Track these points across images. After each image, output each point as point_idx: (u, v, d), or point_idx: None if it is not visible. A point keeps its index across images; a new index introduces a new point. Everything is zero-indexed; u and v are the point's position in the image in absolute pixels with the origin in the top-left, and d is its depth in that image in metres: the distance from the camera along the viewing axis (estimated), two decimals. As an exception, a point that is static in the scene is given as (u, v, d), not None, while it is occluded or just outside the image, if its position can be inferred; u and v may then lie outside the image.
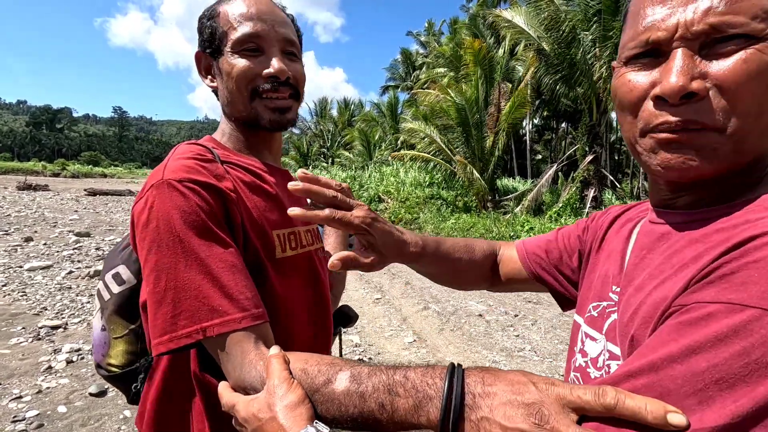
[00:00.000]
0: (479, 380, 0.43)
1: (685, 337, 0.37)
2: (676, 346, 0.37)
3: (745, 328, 0.34)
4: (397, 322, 4.57)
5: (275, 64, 0.81)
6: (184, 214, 0.66)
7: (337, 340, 1.17)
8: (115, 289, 0.88)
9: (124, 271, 0.88)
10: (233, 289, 0.64)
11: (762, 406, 0.32)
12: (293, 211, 0.61)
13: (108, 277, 0.89)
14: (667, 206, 0.57)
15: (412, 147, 16.72)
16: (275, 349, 0.58)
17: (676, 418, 0.34)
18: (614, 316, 0.57)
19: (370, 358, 3.63)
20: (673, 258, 0.49)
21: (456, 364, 0.46)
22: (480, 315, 4.77)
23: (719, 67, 0.44)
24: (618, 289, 0.59)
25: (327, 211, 0.63)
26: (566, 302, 0.85)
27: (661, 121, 0.47)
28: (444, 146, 13.93)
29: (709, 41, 0.45)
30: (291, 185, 0.62)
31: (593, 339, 0.62)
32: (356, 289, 5.81)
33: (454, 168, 13.66)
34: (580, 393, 0.38)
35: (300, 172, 0.64)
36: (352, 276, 6.14)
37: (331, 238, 1.18)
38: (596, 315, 0.63)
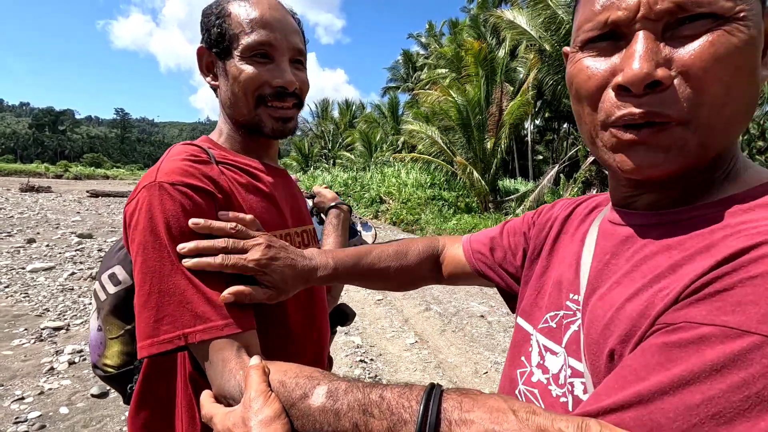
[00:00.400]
0: (457, 405, 0.41)
1: (676, 365, 0.33)
2: (666, 376, 0.34)
3: (744, 358, 0.31)
4: (398, 324, 4.56)
5: (286, 75, 0.81)
6: (171, 218, 0.66)
7: (341, 336, 1.17)
8: (111, 289, 0.88)
9: (120, 272, 0.88)
10: (217, 296, 0.64)
11: None
12: (183, 248, 0.65)
13: (104, 277, 0.89)
14: (628, 205, 0.53)
15: (413, 148, 16.73)
16: (256, 359, 0.56)
17: None
18: (573, 327, 0.53)
19: (371, 359, 3.63)
20: (642, 265, 0.45)
21: (435, 386, 0.44)
22: (482, 316, 4.76)
23: (685, 51, 0.40)
24: (576, 297, 0.55)
25: (219, 258, 0.65)
26: (514, 300, 0.82)
27: (623, 113, 0.43)
28: (445, 147, 13.93)
29: (673, 22, 0.41)
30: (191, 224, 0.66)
31: (554, 353, 0.56)
32: (357, 290, 5.80)
33: (456, 169, 13.65)
34: (562, 426, 0.35)
35: (191, 222, 0.66)
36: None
37: (330, 238, 1.17)
38: (554, 326, 0.58)
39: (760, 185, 0.44)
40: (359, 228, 1.33)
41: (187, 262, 0.63)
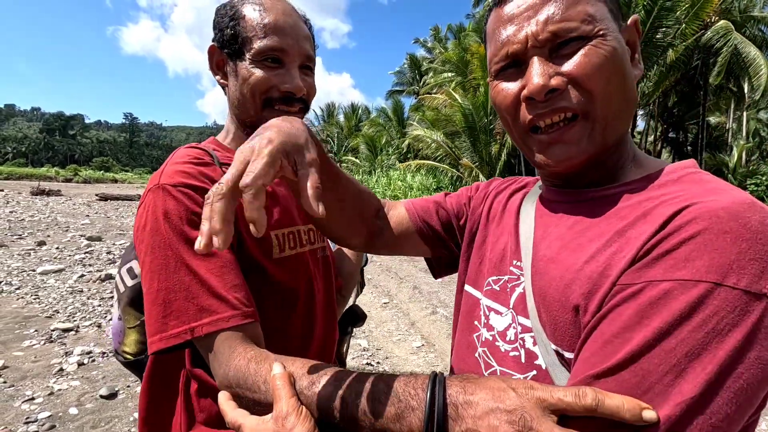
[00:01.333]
0: (461, 390, 0.43)
1: (652, 320, 0.40)
2: (649, 330, 0.40)
3: (701, 303, 0.39)
4: (405, 327, 4.56)
5: (294, 81, 0.82)
6: (174, 218, 0.69)
7: (348, 340, 1.17)
8: (129, 282, 0.92)
9: (136, 266, 0.92)
10: (222, 289, 0.66)
11: (726, 366, 0.37)
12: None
13: (123, 270, 0.93)
14: (559, 187, 0.64)
15: (418, 151, 16.73)
16: (279, 368, 0.54)
17: (649, 414, 0.37)
18: (519, 290, 0.61)
19: (378, 363, 3.62)
20: (587, 232, 0.54)
21: (438, 374, 0.47)
22: (488, 320, 4.74)
23: (569, 64, 0.53)
24: (519, 264, 0.62)
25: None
26: (443, 266, 0.87)
27: (537, 114, 0.55)
28: (451, 151, 13.91)
29: (555, 46, 0.54)
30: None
31: (498, 312, 0.63)
32: (363, 294, 5.80)
33: (461, 172, 13.62)
34: (560, 395, 0.39)
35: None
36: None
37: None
38: (498, 289, 0.65)
39: (661, 169, 0.56)
40: None
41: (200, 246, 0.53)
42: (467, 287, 0.74)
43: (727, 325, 0.38)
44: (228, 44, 0.83)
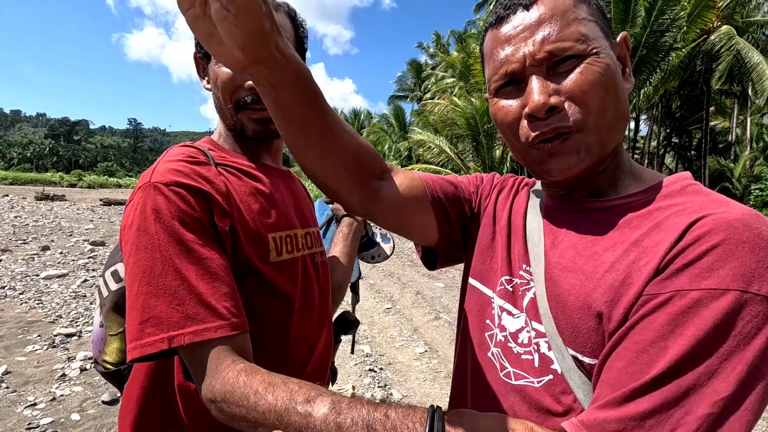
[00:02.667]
0: (459, 428, 0.46)
1: (687, 328, 0.43)
2: (686, 338, 0.42)
3: (732, 310, 0.42)
4: (408, 332, 4.53)
5: None
6: (166, 218, 0.64)
7: (348, 345, 1.15)
8: (113, 286, 0.87)
9: (121, 269, 0.87)
10: (211, 297, 0.62)
11: (753, 366, 0.40)
12: None
13: (107, 274, 0.88)
14: (564, 196, 0.66)
15: (420, 156, 16.74)
16: None
17: None
18: (530, 294, 0.62)
19: (381, 369, 3.60)
20: (601, 241, 0.56)
21: (436, 408, 0.47)
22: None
23: (566, 82, 0.56)
24: (528, 268, 0.64)
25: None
26: (444, 255, 0.84)
27: (537, 133, 0.57)
28: (453, 156, 13.92)
29: (551, 64, 0.56)
30: None
31: (510, 314, 0.64)
32: (366, 299, 5.78)
33: (464, 177, 13.62)
34: None
35: None
36: (362, 285, 6.12)
37: (338, 246, 1.16)
38: (510, 290, 0.66)
39: (662, 180, 0.59)
40: (378, 239, 1.32)
41: None
42: (474, 281, 0.74)
43: (753, 329, 0.41)
44: (200, 46, 0.84)
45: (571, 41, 0.55)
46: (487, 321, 0.68)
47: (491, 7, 22.47)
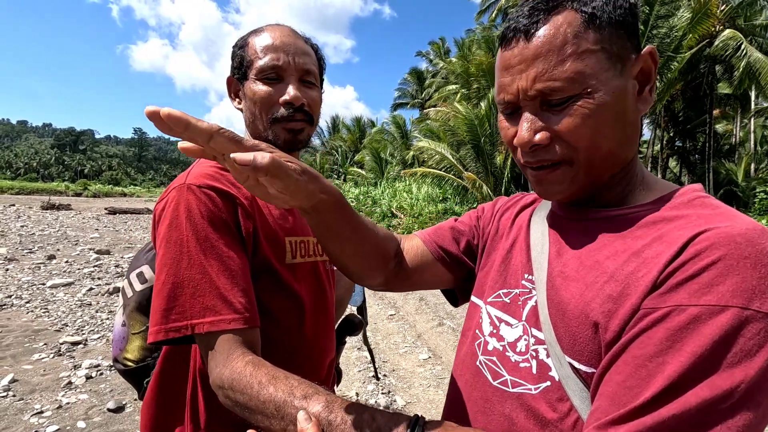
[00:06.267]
0: None
1: (686, 344, 0.42)
2: (683, 355, 0.42)
3: (731, 328, 0.41)
4: (411, 339, 4.53)
5: (291, 91, 0.87)
6: (196, 216, 0.72)
7: (350, 351, 1.18)
8: (138, 287, 0.94)
9: (147, 271, 0.94)
10: (228, 292, 0.68)
11: (754, 384, 0.40)
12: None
13: (132, 275, 0.95)
14: (570, 204, 0.66)
15: (422, 163, 16.78)
16: (305, 422, 0.50)
17: None
18: (531, 303, 0.63)
19: (384, 375, 3.59)
20: (604, 250, 0.56)
21: (419, 417, 0.51)
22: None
23: (556, 120, 0.56)
24: (531, 277, 0.65)
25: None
26: (464, 292, 0.86)
27: (525, 161, 0.61)
28: (455, 162, 13.95)
29: (545, 100, 0.56)
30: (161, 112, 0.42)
31: (508, 324, 0.65)
32: (370, 306, 5.78)
33: (466, 183, 13.63)
34: None
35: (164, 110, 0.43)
36: (366, 292, 6.12)
37: None
38: (509, 301, 0.67)
39: (672, 191, 0.59)
40: None
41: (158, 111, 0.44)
42: (473, 298, 0.77)
43: (754, 347, 0.40)
44: (238, 70, 0.91)
45: (562, 81, 0.53)
46: (476, 331, 0.70)
47: (492, 15, 22.61)
